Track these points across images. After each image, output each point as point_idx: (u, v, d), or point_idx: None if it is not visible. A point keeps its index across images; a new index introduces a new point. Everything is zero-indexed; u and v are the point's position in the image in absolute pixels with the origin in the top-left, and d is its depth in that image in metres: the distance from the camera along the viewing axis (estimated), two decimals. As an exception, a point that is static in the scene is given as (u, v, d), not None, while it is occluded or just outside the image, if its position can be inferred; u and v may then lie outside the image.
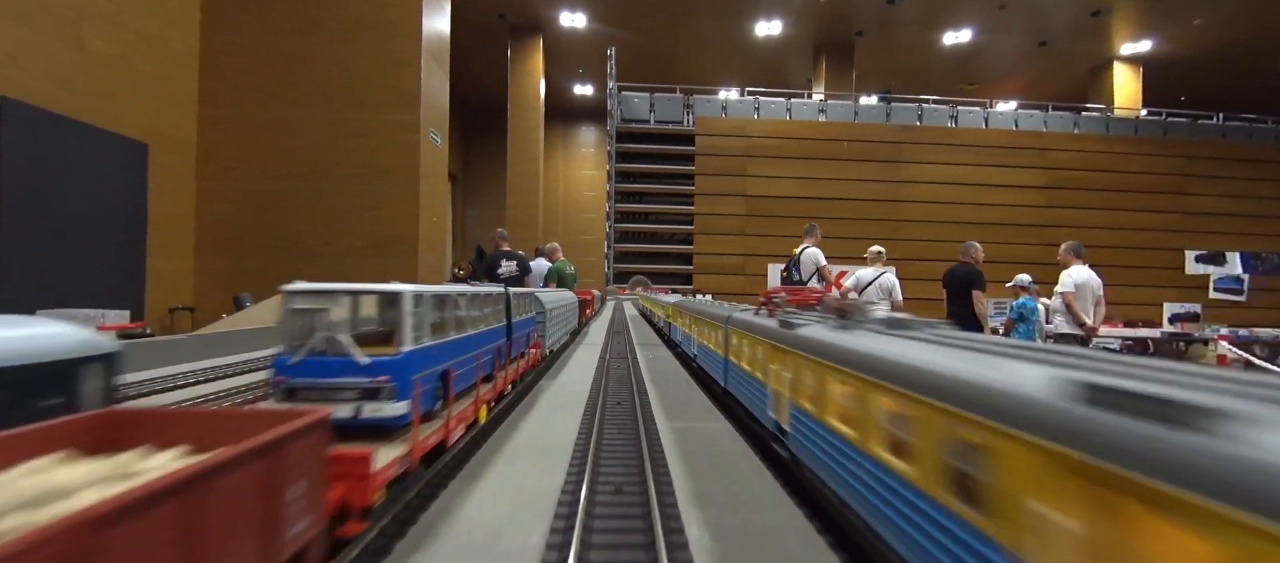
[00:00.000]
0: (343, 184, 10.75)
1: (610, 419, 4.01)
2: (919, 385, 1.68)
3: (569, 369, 5.66)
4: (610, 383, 5.05)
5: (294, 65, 10.84)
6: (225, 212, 10.73)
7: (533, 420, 4.07)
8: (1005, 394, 1.34)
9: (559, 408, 4.31)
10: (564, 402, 4.49)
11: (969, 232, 19.52)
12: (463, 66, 27.72)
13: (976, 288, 12.82)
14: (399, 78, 10.91)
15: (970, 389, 1.46)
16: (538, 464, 3.18)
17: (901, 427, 1.76)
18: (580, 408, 4.24)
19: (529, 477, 3.02)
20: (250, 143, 10.77)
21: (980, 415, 1.40)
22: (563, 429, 3.78)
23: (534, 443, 3.52)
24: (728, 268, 20.46)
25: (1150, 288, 21.41)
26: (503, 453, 3.37)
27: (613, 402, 4.48)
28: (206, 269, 10.73)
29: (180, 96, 10.41)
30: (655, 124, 20.98)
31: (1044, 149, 21.79)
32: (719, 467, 3.21)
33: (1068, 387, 1.19)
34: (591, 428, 3.76)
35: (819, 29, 24.18)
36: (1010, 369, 1.42)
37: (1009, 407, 1.31)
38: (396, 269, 10.86)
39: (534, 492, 2.81)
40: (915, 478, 1.67)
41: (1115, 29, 24.07)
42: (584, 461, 3.17)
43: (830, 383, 2.22)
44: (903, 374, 1.78)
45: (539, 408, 4.35)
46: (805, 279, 10.28)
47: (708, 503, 2.71)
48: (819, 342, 2.38)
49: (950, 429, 1.52)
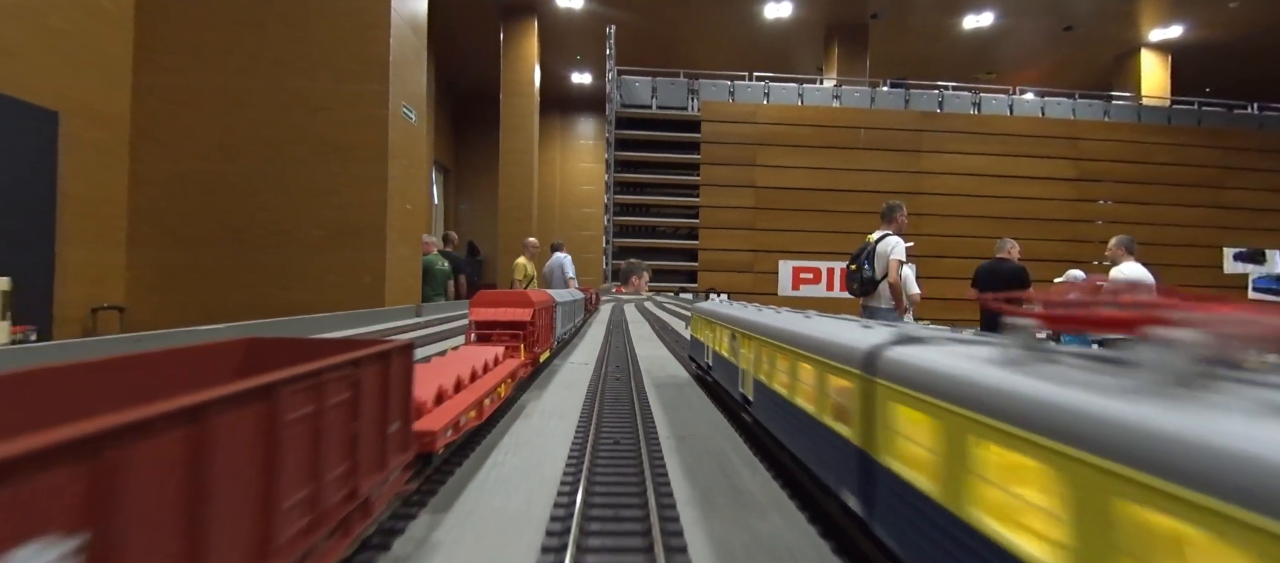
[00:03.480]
0: (299, 165, 9.29)
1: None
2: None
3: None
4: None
5: (244, 27, 9.37)
6: (162, 196, 9.25)
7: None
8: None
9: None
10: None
11: (995, 226, 18.17)
12: (457, 57, 26.34)
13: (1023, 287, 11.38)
14: (366, 42, 9.45)
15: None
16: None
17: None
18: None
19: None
20: (191, 116, 9.29)
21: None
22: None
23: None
24: (735, 265, 19.04)
25: (1187, 287, 20.04)
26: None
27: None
28: (141, 263, 9.25)
29: (108, 62, 8.93)
30: (657, 109, 19.52)
31: (1073, 138, 20.41)
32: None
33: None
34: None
35: (831, 10, 22.76)
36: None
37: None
38: (362, 263, 9.41)
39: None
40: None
41: (1144, 13, 22.71)
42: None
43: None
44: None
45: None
46: (880, 277, 8.79)
47: None
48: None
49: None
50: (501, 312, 4.01)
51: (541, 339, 4.25)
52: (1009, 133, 20.14)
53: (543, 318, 4.34)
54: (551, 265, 13.36)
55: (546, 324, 4.49)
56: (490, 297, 4.22)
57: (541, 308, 4.31)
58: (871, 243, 9.84)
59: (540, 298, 4.39)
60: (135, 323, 8.84)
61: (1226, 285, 20.78)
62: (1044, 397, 0.93)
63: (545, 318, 4.46)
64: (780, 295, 18.15)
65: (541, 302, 4.33)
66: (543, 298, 4.47)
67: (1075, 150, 20.31)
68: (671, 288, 17.85)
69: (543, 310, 4.38)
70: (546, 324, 4.49)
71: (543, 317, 4.36)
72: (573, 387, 4.17)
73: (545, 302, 4.52)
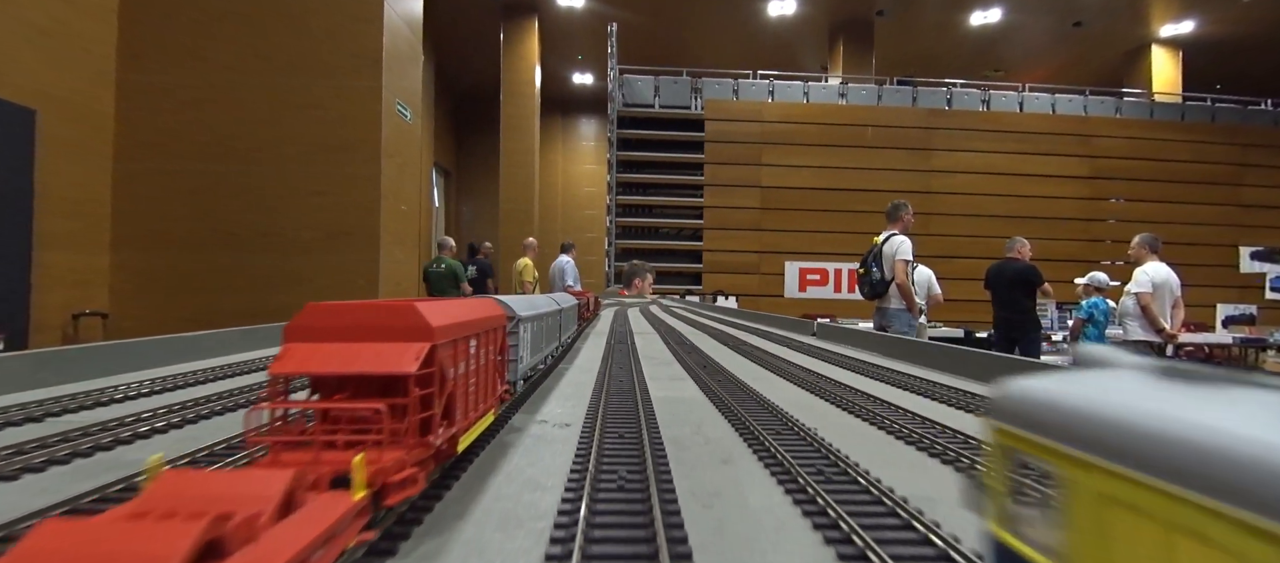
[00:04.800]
0: (289, 164, 8.95)
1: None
2: None
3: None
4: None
5: (232, 22, 9.04)
6: (147, 197, 8.92)
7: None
8: None
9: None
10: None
11: (1007, 225, 17.74)
12: (458, 59, 26.08)
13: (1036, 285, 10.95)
14: (358, 37, 9.11)
15: None
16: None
17: None
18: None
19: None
20: (178, 114, 8.96)
21: None
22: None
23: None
24: (741, 266, 18.67)
25: (1203, 287, 19.56)
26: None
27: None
28: (126, 267, 8.91)
29: (92, 59, 8.61)
30: (660, 109, 19.17)
31: (1085, 135, 20.00)
32: None
33: None
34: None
35: (836, 7, 22.41)
36: None
37: None
38: (354, 265, 9.06)
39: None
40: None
41: (1155, 8, 22.31)
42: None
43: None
44: None
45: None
46: (888, 279, 8.40)
47: None
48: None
49: None
50: (349, 354, 1.43)
51: (479, 395, 1.94)
52: (1020, 130, 19.75)
53: (480, 356, 1.95)
54: (554, 269, 13.02)
55: (489, 366, 2.09)
56: (331, 316, 1.52)
57: (475, 332, 1.89)
58: (878, 244, 9.46)
59: (472, 313, 1.91)
60: (119, 330, 8.49)
61: (1243, 285, 20.36)
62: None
63: (487, 355, 2.05)
64: (787, 298, 17.76)
65: (474, 319, 1.88)
66: (478, 313, 1.97)
67: (1088, 148, 19.91)
68: (677, 291, 17.47)
69: (483, 338, 1.98)
70: (489, 366, 2.09)
71: (482, 351, 1.98)
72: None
73: (483, 319, 2.01)
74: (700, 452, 2.22)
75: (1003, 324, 10.27)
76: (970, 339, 11.82)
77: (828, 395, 3.31)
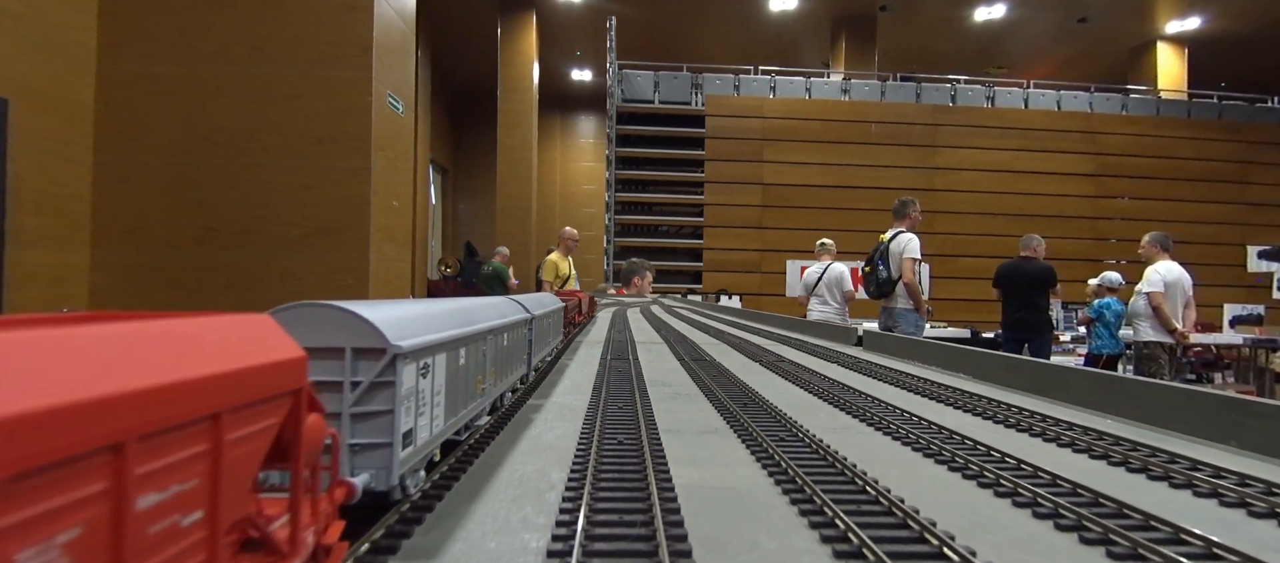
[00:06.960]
0: (274, 157, 8.62)
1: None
2: None
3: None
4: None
5: (215, 9, 8.71)
6: (129, 192, 8.60)
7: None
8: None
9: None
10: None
11: (1013, 223, 17.47)
12: (454, 56, 25.74)
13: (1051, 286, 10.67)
14: (346, 25, 8.78)
15: None
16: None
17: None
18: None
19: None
20: (159, 105, 8.63)
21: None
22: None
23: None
24: (742, 265, 18.35)
25: (1210, 287, 19.27)
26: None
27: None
28: (106, 264, 8.59)
29: (69, 47, 8.29)
30: (660, 104, 18.83)
31: (1092, 132, 19.70)
32: None
33: None
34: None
35: (838, 2, 22.10)
36: None
37: None
38: (343, 264, 8.74)
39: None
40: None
41: (1160, 4, 22.04)
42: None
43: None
44: None
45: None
46: (895, 277, 8.10)
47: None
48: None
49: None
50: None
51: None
52: (1025, 127, 19.44)
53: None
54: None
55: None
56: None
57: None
58: (884, 242, 9.17)
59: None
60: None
61: (1251, 285, 20.11)
62: None
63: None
64: (789, 297, 17.46)
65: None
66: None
67: (1094, 145, 19.60)
68: (677, 289, 17.13)
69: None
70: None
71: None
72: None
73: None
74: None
75: (1017, 325, 9.99)
76: (977, 340, 11.54)
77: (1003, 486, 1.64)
